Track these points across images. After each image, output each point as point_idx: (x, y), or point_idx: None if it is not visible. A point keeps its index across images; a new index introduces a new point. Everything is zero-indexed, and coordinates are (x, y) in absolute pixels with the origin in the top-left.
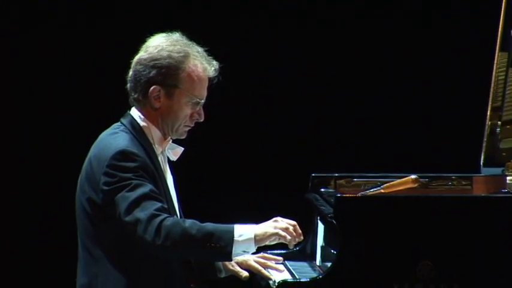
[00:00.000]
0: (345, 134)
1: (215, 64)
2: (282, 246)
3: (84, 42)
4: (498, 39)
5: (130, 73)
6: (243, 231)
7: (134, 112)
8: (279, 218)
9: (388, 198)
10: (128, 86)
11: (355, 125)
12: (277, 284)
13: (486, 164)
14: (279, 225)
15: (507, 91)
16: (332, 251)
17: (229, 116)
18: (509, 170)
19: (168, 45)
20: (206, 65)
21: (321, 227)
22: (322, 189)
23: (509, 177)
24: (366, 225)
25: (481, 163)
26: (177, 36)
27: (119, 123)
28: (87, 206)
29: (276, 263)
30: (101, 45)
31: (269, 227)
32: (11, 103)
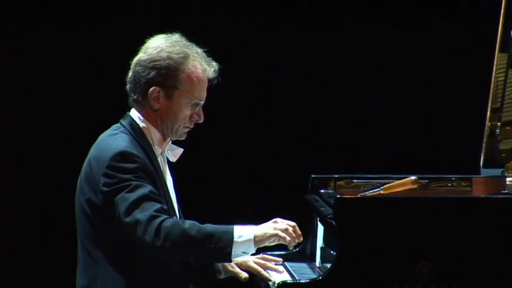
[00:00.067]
0: (344, 134)
1: (215, 65)
2: (281, 247)
3: (84, 43)
4: (498, 40)
5: (130, 74)
6: (243, 232)
7: (134, 113)
8: (278, 219)
9: (387, 200)
10: (127, 87)
11: (355, 125)
12: (276, 285)
13: (486, 165)
14: (279, 226)
15: (507, 92)
16: (332, 252)
17: (228, 117)
18: (509, 171)
19: (167, 46)
20: (206, 66)
21: (320, 228)
22: (322, 190)
23: (509, 178)
24: (366, 226)
25: (481, 164)
26: (176, 37)
27: (118, 124)
28: (87, 207)
29: (276, 264)
30: (100, 45)
31: (269, 228)
32: (11, 103)
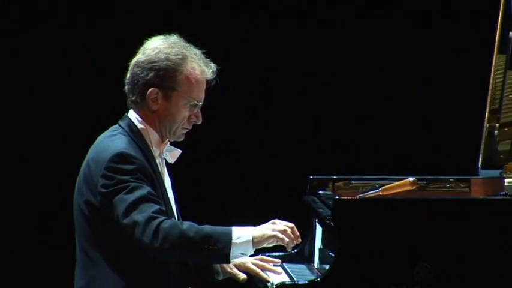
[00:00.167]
0: (343, 135)
1: (213, 66)
2: (280, 248)
3: (84, 43)
4: (496, 42)
5: (128, 75)
6: (241, 234)
7: (132, 114)
8: (277, 220)
9: (386, 201)
10: (126, 88)
11: (354, 126)
12: (275, 287)
13: (484, 167)
14: (277, 227)
15: (505, 93)
16: (330, 253)
17: (227, 118)
18: (507, 172)
19: (166, 47)
20: (204, 67)
21: (319, 229)
22: (320, 192)
23: (507, 180)
24: (364, 227)
25: (479, 165)
26: (175, 38)
27: (116, 126)
28: (85, 208)
29: (274, 265)
30: (100, 45)
31: (267, 229)
32: (11, 103)
